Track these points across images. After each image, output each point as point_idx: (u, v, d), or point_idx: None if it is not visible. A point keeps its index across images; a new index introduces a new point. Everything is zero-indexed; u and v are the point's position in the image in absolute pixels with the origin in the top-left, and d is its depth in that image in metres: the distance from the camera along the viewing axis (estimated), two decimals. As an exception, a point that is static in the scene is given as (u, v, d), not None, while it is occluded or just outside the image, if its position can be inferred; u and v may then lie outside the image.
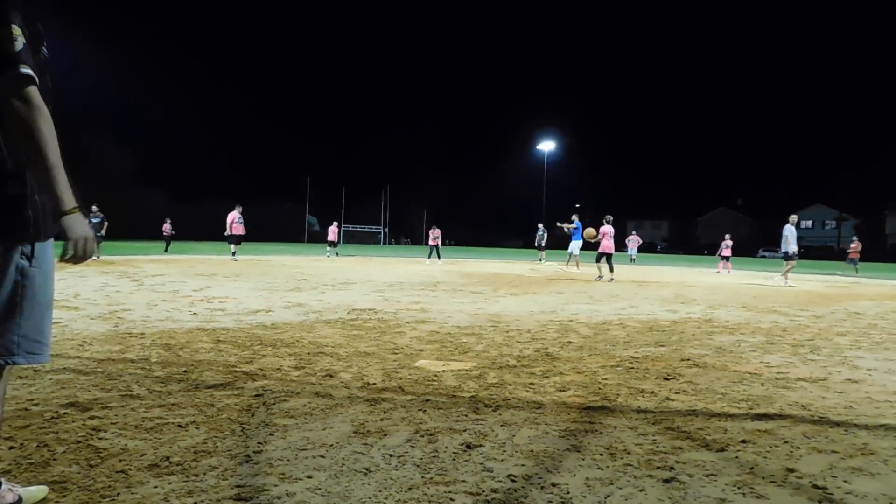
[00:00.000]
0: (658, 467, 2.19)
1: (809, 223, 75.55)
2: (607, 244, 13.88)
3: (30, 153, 1.41)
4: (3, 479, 1.76)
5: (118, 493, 1.85)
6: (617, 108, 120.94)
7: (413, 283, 10.88)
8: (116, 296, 7.25)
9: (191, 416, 2.62)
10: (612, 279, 13.50)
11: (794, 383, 3.63)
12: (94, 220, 15.58)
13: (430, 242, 21.58)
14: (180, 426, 2.49)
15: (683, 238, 76.65)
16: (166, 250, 22.66)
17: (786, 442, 2.51)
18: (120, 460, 2.10)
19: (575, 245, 18.06)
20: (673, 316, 7.02)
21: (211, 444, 2.29)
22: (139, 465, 2.07)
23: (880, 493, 2.02)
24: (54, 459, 2.09)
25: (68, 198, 1.45)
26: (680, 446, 2.43)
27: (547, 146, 49.48)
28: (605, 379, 3.60)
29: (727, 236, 21.16)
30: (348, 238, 51.67)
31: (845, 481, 2.11)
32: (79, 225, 1.47)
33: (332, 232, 25.95)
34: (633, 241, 27.91)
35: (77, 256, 1.49)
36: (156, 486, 1.90)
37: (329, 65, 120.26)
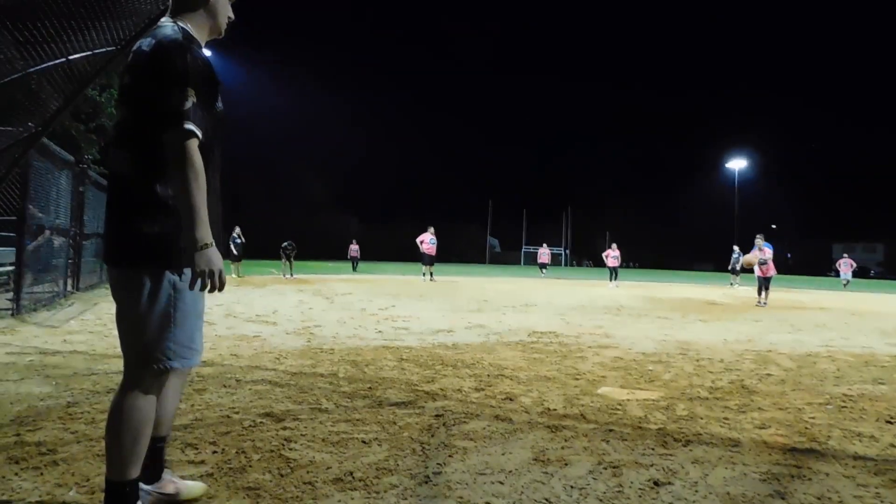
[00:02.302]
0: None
1: None
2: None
3: (179, 193, 1.58)
4: (167, 469, 1.86)
5: (304, 505, 1.85)
6: (814, 121, 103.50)
7: (596, 307, 10.29)
8: (310, 313, 7.98)
9: (374, 433, 2.62)
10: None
11: None
12: (236, 241, 17.00)
13: (610, 264, 20.43)
14: (364, 442, 2.49)
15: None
16: (354, 269, 24.75)
17: None
18: (308, 472, 2.14)
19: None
20: (895, 350, 5.73)
21: (392, 462, 2.26)
22: (325, 477, 2.09)
23: None
24: (250, 466, 2.18)
25: (202, 235, 1.58)
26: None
27: (737, 164, 45.22)
28: (813, 418, 3.15)
29: None
30: (530, 260, 51.29)
31: None
32: (205, 259, 1.59)
33: (545, 254, 27.31)
34: (846, 265, 24.78)
35: (210, 285, 1.61)
36: (339, 501, 1.91)
37: (511, 86, 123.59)
